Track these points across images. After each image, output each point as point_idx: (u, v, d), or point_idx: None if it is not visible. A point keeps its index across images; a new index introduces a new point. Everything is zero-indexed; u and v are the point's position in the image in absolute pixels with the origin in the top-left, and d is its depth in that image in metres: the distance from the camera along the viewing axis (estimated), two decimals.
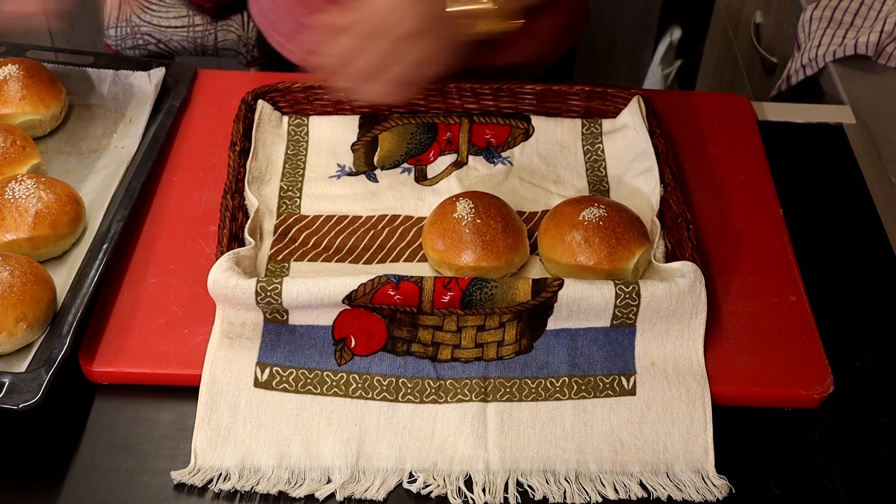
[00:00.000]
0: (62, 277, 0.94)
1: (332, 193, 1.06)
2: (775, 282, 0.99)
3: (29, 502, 0.82)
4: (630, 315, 0.89)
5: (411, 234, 1.02)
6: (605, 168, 1.09)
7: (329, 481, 0.83)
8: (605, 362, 0.90)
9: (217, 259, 0.90)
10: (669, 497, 0.84)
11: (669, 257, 0.97)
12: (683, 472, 0.85)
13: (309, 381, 0.88)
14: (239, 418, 0.86)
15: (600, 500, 0.83)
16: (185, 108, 1.15)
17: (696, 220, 1.04)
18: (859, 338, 0.97)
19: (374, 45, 0.94)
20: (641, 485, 0.84)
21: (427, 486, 0.83)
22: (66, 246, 0.97)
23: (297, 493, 0.83)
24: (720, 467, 0.85)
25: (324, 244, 1.01)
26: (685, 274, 0.90)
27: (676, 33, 2.59)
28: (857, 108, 1.28)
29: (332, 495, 0.83)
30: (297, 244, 1.00)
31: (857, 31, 1.43)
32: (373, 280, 0.87)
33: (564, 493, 0.83)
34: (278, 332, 0.90)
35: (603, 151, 1.11)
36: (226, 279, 0.87)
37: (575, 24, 1.33)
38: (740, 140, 1.15)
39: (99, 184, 1.05)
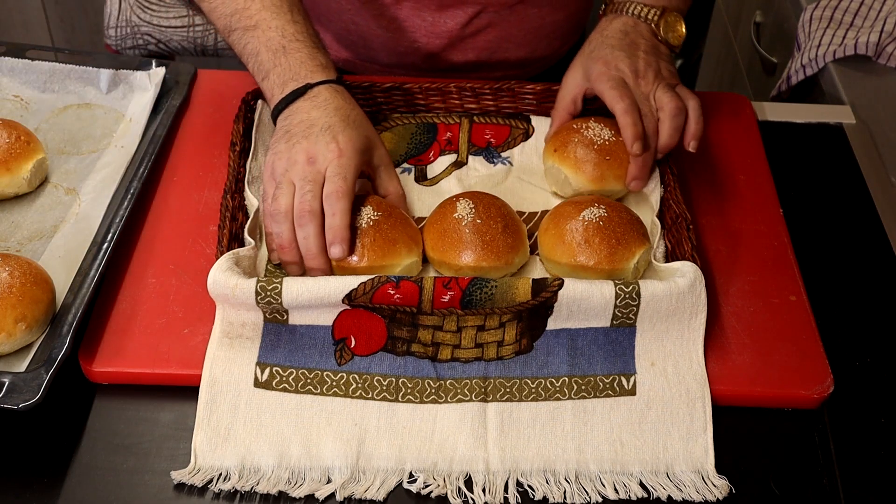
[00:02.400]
0: (62, 277, 0.94)
1: None
2: (775, 282, 0.99)
3: (29, 502, 0.82)
4: (630, 315, 0.89)
5: None
6: None
7: (329, 481, 0.83)
8: (605, 362, 0.90)
9: (217, 259, 0.90)
10: (669, 497, 0.84)
11: (669, 257, 0.97)
12: (683, 472, 0.85)
13: (309, 381, 0.88)
14: (239, 418, 0.86)
15: (600, 500, 0.83)
16: (185, 108, 1.15)
17: (696, 220, 1.04)
18: (859, 338, 0.97)
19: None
20: (641, 485, 0.84)
21: (427, 486, 0.83)
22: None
23: (297, 493, 0.83)
24: (720, 467, 0.85)
25: None
26: (685, 274, 0.90)
27: None
28: (857, 108, 1.28)
29: (332, 495, 0.83)
30: None
31: (857, 31, 1.43)
32: (373, 279, 0.87)
33: (564, 493, 0.83)
34: (278, 332, 0.90)
35: None
36: (226, 279, 0.87)
37: (579, 19, 1.33)
38: (740, 140, 1.15)
39: (99, 184, 1.05)
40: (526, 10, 1.25)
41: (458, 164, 1.10)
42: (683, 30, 1.08)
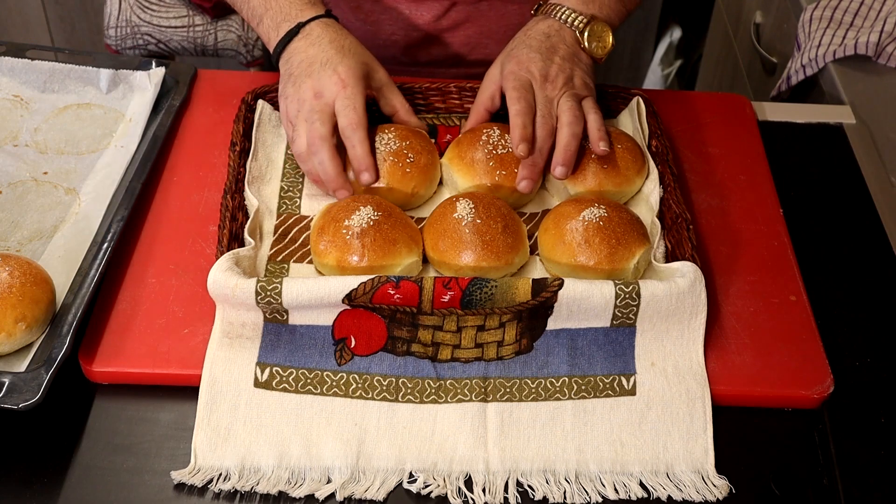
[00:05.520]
0: (62, 277, 0.94)
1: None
2: (775, 282, 0.99)
3: (29, 502, 0.82)
4: (630, 315, 0.89)
5: None
6: None
7: (329, 481, 0.83)
8: (605, 362, 0.90)
9: (217, 259, 0.90)
10: (669, 497, 0.84)
11: (669, 257, 0.97)
12: (683, 472, 0.85)
13: (309, 381, 0.88)
14: (239, 418, 0.86)
15: (600, 500, 0.83)
16: (185, 108, 1.15)
17: (696, 220, 1.04)
18: (859, 338, 0.97)
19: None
20: (641, 485, 0.84)
21: (427, 486, 0.83)
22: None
23: (297, 493, 0.83)
24: (720, 467, 0.85)
25: None
26: (685, 274, 0.90)
27: (676, 33, 2.59)
28: (857, 108, 1.28)
29: (332, 495, 0.83)
30: (297, 245, 1.00)
31: (857, 31, 1.43)
32: (373, 279, 0.87)
33: (564, 493, 0.83)
34: (278, 332, 0.90)
35: None
36: (226, 279, 0.87)
37: None
38: (740, 140, 1.15)
39: (99, 184, 1.05)
40: (505, 6, 1.25)
41: None
42: (610, 41, 1.07)
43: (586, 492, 0.84)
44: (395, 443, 0.85)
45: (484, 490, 0.83)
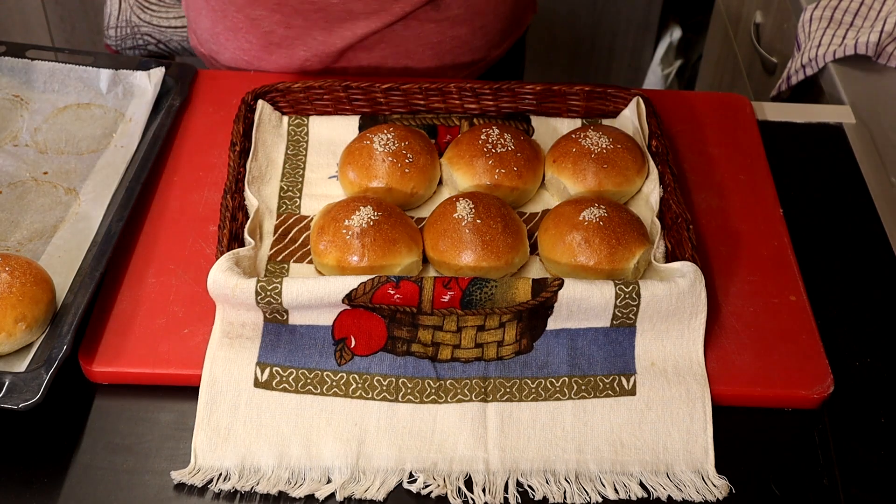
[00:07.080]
0: (62, 277, 0.94)
1: (332, 193, 1.06)
2: (775, 282, 0.99)
3: (29, 502, 0.82)
4: (630, 315, 0.89)
5: None
6: None
7: (329, 481, 0.83)
8: (605, 362, 0.90)
9: (217, 259, 0.90)
10: (669, 497, 0.84)
11: (669, 257, 0.97)
12: (683, 472, 0.85)
13: (309, 381, 0.88)
14: (239, 418, 0.86)
15: (600, 500, 0.83)
16: (185, 108, 1.15)
17: (696, 220, 1.04)
18: (859, 338, 0.97)
19: None
20: (641, 485, 0.84)
21: (427, 486, 0.83)
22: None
23: (297, 493, 0.83)
24: (720, 467, 0.85)
25: None
26: (685, 274, 0.90)
27: (676, 33, 2.59)
28: (857, 108, 1.28)
29: (332, 495, 0.83)
30: (296, 245, 1.00)
31: (857, 31, 1.43)
32: (373, 279, 0.87)
33: (564, 493, 0.83)
34: (278, 332, 0.90)
35: None
36: (226, 279, 0.87)
37: (519, 15, 1.33)
38: (740, 140, 1.15)
39: (99, 183, 1.05)
40: (421, 25, 1.23)
41: None
42: None
43: (586, 492, 0.84)
44: (395, 443, 0.85)
45: (484, 490, 0.83)
